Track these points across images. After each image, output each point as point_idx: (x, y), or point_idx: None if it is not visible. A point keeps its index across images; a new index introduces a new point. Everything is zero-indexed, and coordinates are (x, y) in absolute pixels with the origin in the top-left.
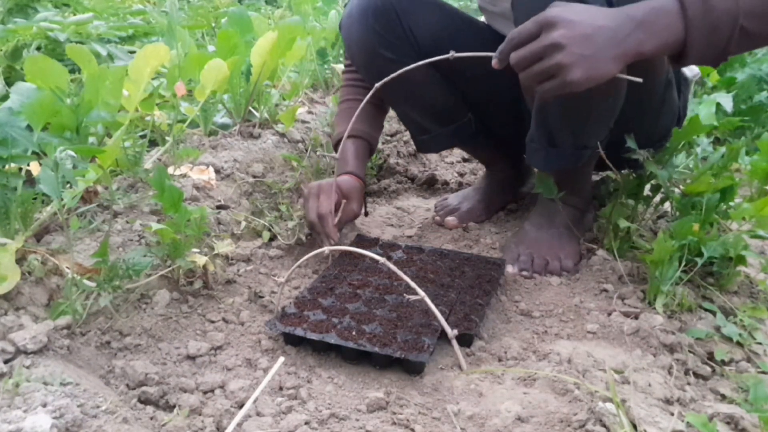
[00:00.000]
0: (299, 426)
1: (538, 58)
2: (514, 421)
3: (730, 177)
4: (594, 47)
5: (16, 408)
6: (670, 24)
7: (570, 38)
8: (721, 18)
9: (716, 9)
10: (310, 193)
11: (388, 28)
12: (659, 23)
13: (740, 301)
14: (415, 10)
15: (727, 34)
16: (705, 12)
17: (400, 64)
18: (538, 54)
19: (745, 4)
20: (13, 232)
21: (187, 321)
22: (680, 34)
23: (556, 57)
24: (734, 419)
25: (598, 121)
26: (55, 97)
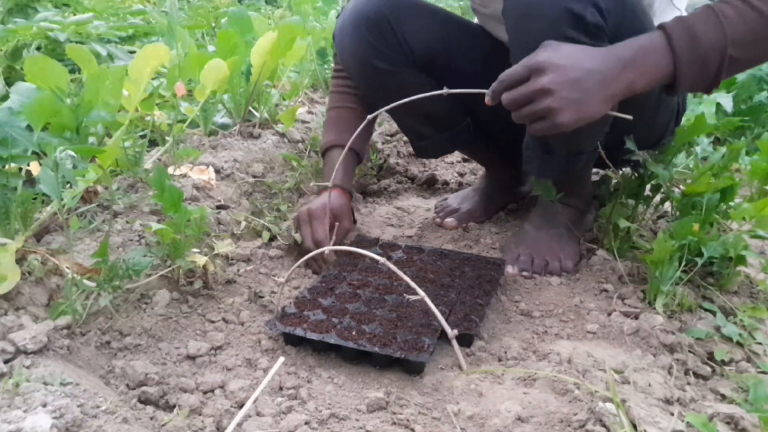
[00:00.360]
0: (299, 426)
1: (528, 101)
2: (514, 421)
3: (731, 177)
4: (583, 91)
5: (16, 408)
6: (659, 61)
7: (559, 83)
8: (709, 51)
9: (704, 43)
10: (302, 220)
11: (381, 38)
12: (648, 61)
13: (740, 301)
14: (408, 19)
15: (716, 65)
16: (692, 47)
17: (394, 74)
18: (528, 97)
19: (732, 34)
20: (13, 232)
21: (187, 321)
22: (669, 69)
23: (545, 101)
24: (734, 419)
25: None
26: (55, 97)
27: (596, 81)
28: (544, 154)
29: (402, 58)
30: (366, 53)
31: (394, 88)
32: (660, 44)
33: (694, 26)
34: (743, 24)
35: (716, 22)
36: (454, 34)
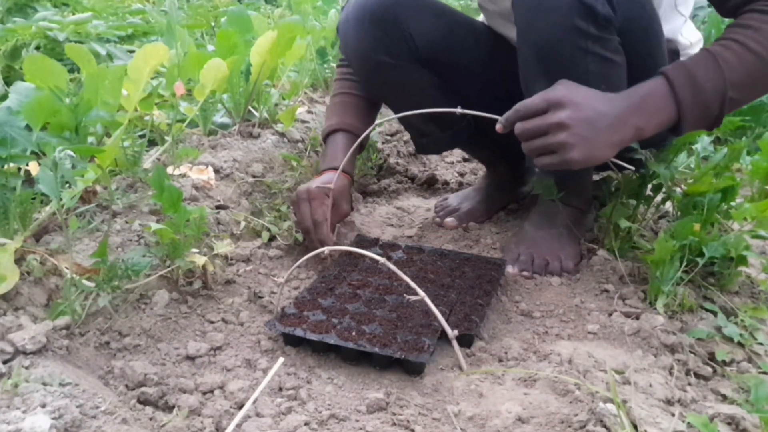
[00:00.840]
0: (299, 427)
1: (543, 133)
2: (514, 421)
3: (732, 177)
4: (595, 132)
5: (15, 408)
6: (664, 107)
7: (575, 120)
8: (711, 97)
9: (705, 89)
10: (300, 198)
11: (385, 32)
12: (653, 108)
13: (741, 302)
14: (413, 14)
15: (717, 108)
16: (695, 94)
17: (397, 68)
18: (543, 130)
19: (731, 78)
20: (12, 232)
21: (187, 321)
22: (674, 114)
23: (560, 136)
24: (735, 420)
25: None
26: (54, 96)
27: (607, 124)
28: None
29: (405, 53)
30: (369, 47)
31: (397, 83)
32: (664, 91)
33: (695, 73)
34: (741, 67)
35: (716, 67)
36: (458, 31)
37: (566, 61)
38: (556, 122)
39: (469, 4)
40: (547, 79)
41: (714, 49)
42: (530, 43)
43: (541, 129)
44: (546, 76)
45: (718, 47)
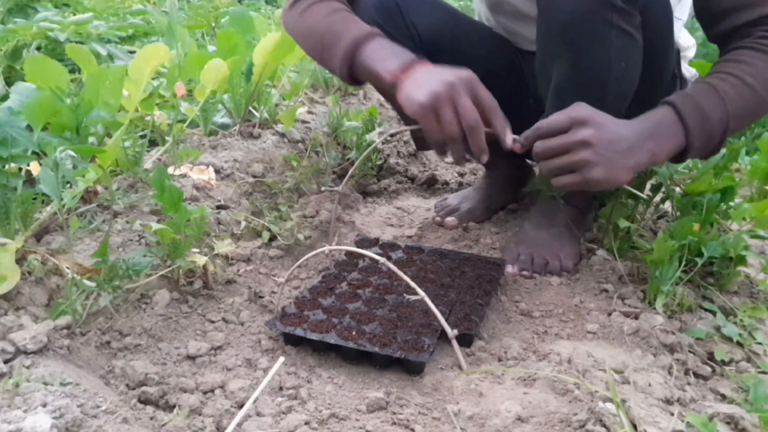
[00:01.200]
0: (299, 426)
1: (564, 151)
2: (514, 421)
3: (731, 177)
4: (616, 153)
5: (16, 408)
6: (674, 134)
7: (599, 139)
8: (715, 125)
9: (711, 118)
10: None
11: (389, 21)
12: (664, 135)
13: (740, 301)
14: (416, 5)
15: (719, 136)
16: (702, 122)
17: None
18: (565, 148)
19: (732, 109)
20: (13, 232)
21: (187, 321)
22: (682, 142)
23: (582, 153)
24: (734, 419)
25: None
26: (55, 97)
27: (628, 146)
28: None
29: (408, 41)
30: None
31: None
32: (673, 119)
33: (702, 104)
34: (740, 99)
35: (719, 99)
36: (461, 25)
37: (591, 34)
38: (580, 140)
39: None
40: (569, 53)
41: (713, 81)
42: (554, 15)
43: (564, 147)
44: (568, 50)
45: (716, 80)
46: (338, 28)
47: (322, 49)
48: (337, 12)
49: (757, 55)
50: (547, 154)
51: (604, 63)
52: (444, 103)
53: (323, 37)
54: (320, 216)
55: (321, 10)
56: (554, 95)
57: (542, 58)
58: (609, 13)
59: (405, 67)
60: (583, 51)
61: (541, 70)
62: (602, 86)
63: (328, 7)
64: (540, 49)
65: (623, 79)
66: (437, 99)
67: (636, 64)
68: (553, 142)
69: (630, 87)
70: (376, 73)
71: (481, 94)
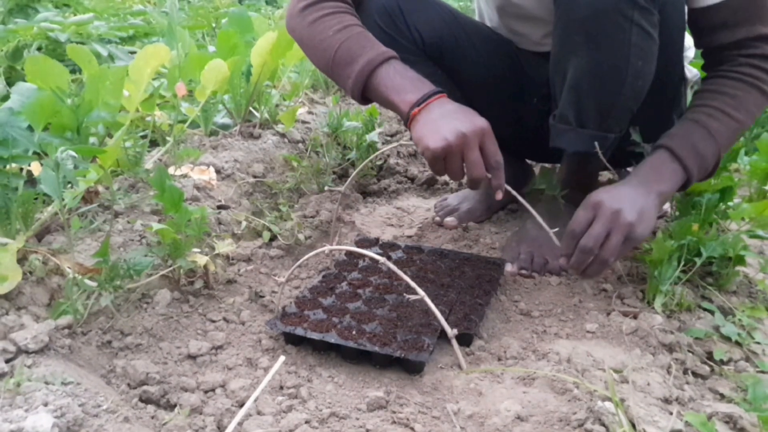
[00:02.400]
0: (300, 425)
1: (607, 231)
2: (513, 420)
3: (730, 177)
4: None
5: (18, 407)
6: (674, 173)
7: (620, 204)
8: (709, 160)
9: (706, 155)
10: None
11: (392, 25)
12: (665, 174)
13: (739, 301)
14: (419, 9)
15: (712, 167)
16: (699, 162)
17: (404, 61)
18: (605, 227)
19: (722, 143)
20: (14, 232)
21: (188, 320)
22: (683, 178)
23: (621, 220)
24: (733, 418)
25: (627, 103)
26: (56, 97)
27: (642, 197)
28: (578, 127)
29: (411, 45)
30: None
31: None
32: (671, 162)
33: (697, 146)
34: (727, 133)
35: (710, 138)
36: (463, 28)
37: (611, 30)
38: (610, 214)
39: (469, 5)
40: (588, 48)
41: (702, 119)
42: (575, 11)
43: (604, 228)
44: (587, 45)
45: (704, 117)
46: (351, 47)
47: (332, 66)
48: (348, 28)
49: (738, 86)
50: (596, 243)
51: (623, 60)
52: (454, 154)
53: (335, 55)
54: (320, 216)
55: (332, 24)
56: (570, 90)
57: (558, 55)
58: (630, 10)
59: (421, 101)
60: (602, 47)
61: (556, 67)
62: (619, 83)
63: (340, 20)
64: (556, 45)
65: (639, 76)
66: (448, 149)
67: (652, 62)
68: (594, 231)
69: (645, 85)
70: (391, 102)
71: (488, 149)
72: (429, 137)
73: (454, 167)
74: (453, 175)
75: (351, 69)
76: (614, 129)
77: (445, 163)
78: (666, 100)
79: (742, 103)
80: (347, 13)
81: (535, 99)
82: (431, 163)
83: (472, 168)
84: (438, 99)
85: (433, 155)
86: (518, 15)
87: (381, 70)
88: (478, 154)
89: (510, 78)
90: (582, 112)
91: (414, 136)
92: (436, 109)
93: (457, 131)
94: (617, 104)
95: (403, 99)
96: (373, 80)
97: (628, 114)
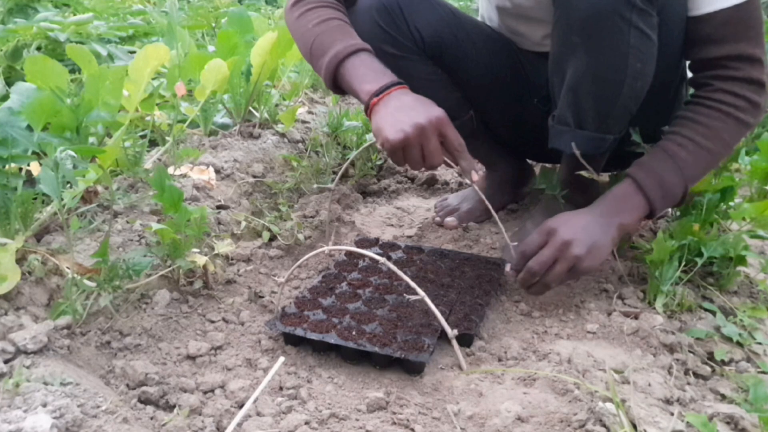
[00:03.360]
0: (299, 426)
1: (554, 258)
2: (514, 421)
3: (730, 177)
4: (592, 236)
5: (17, 408)
6: (638, 205)
7: (573, 233)
8: (675, 190)
9: (670, 186)
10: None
11: (391, 24)
12: (629, 206)
13: (740, 301)
14: (419, 7)
15: (680, 197)
16: (663, 194)
17: (404, 60)
18: (554, 255)
19: (689, 174)
20: (13, 232)
21: (187, 321)
22: (647, 208)
23: (571, 251)
24: (734, 419)
25: (626, 105)
26: (55, 97)
27: (599, 227)
28: (577, 128)
29: (411, 44)
30: (375, 37)
31: (402, 75)
32: (635, 193)
33: (661, 175)
34: (695, 163)
35: (677, 170)
36: (463, 24)
37: (610, 32)
38: (559, 245)
39: (469, 5)
40: (586, 50)
41: (672, 148)
42: (575, 11)
43: (552, 255)
44: (586, 46)
45: (673, 146)
46: (324, 40)
47: (310, 57)
48: (326, 21)
49: (714, 114)
50: (543, 268)
51: (621, 61)
52: (412, 145)
53: (311, 46)
54: (320, 216)
55: (312, 18)
56: (569, 92)
57: (557, 56)
58: (629, 13)
59: (380, 92)
60: (600, 48)
61: (555, 68)
62: (618, 84)
63: (320, 15)
64: (556, 45)
65: (638, 78)
66: (406, 140)
67: (651, 64)
68: (543, 257)
69: (644, 87)
70: (354, 91)
71: (449, 136)
72: (387, 129)
73: (413, 158)
74: (412, 165)
75: (323, 60)
76: (613, 130)
77: (403, 153)
78: (667, 100)
79: (717, 134)
80: (329, 7)
81: (536, 99)
82: (390, 154)
83: (430, 157)
84: (397, 90)
85: (392, 147)
86: (518, 15)
87: (348, 61)
88: (436, 144)
89: (511, 78)
90: (580, 114)
91: (373, 128)
92: (393, 101)
93: (414, 123)
94: (616, 106)
95: (364, 89)
96: (341, 70)
97: (627, 115)
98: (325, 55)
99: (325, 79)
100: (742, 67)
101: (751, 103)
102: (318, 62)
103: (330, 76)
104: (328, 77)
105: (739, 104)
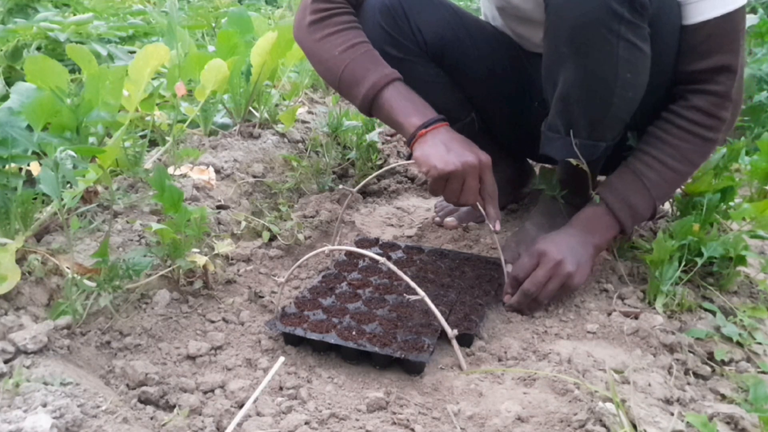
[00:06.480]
0: (299, 426)
1: (548, 278)
2: (514, 421)
3: (731, 177)
4: (578, 255)
5: (17, 408)
6: (609, 226)
7: (563, 254)
8: (643, 210)
9: (639, 207)
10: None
11: (395, 26)
12: (600, 227)
13: (740, 301)
14: (422, 9)
15: (649, 215)
16: (632, 214)
17: (406, 62)
18: (548, 273)
19: (657, 194)
20: (13, 232)
21: (187, 321)
22: (617, 229)
23: (562, 269)
24: (734, 419)
25: (617, 114)
26: (55, 97)
27: (580, 247)
28: (568, 136)
29: (414, 46)
30: (378, 39)
31: (404, 76)
32: (605, 215)
33: (629, 198)
34: (664, 184)
35: (644, 190)
36: (467, 28)
37: (598, 43)
38: (553, 263)
39: (469, 5)
40: (575, 61)
41: (639, 170)
42: (563, 22)
43: (546, 275)
44: (575, 57)
45: (643, 167)
46: (355, 69)
47: (339, 85)
48: (353, 48)
49: (681, 135)
50: (537, 287)
51: (611, 72)
52: (456, 179)
53: (342, 75)
54: (320, 216)
55: (338, 43)
56: (559, 101)
57: (549, 64)
58: (616, 25)
59: (428, 124)
60: (589, 59)
61: (548, 76)
62: (608, 94)
63: (345, 40)
64: (547, 54)
65: (629, 88)
66: (453, 174)
67: (642, 74)
68: (537, 277)
69: (636, 96)
70: (397, 122)
71: (487, 181)
72: (436, 159)
73: (452, 190)
74: (448, 196)
75: (357, 90)
76: (606, 138)
77: (446, 185)
78: (664, 105)
79: (684, 154)
80: (351, 28)
81: (536, 102)
82: (434, 181)
83: (466, 193)
84: (443, 126)
85: (439, 175)
86: (518, 17)
87: (386, 92)
88: (476, 183)
89: (512, 78)
90: (571, 122)
91: (419, 154)
92: (441, 135)
93: (466, 160)
94: (607, 115)
95: (409, 121)
96: (378, 101)
97: (620, 123)
98: (360, 86)
99: (361, 107)
100: (719, 80)
101: (720, 120)
102: (352, 91)
103: (367, 106)
104: (365, 107)
105: (708, 123)
